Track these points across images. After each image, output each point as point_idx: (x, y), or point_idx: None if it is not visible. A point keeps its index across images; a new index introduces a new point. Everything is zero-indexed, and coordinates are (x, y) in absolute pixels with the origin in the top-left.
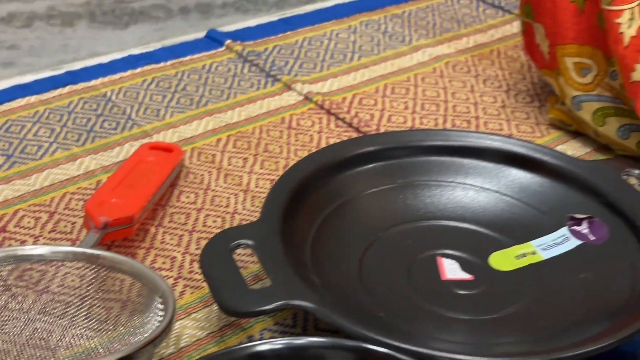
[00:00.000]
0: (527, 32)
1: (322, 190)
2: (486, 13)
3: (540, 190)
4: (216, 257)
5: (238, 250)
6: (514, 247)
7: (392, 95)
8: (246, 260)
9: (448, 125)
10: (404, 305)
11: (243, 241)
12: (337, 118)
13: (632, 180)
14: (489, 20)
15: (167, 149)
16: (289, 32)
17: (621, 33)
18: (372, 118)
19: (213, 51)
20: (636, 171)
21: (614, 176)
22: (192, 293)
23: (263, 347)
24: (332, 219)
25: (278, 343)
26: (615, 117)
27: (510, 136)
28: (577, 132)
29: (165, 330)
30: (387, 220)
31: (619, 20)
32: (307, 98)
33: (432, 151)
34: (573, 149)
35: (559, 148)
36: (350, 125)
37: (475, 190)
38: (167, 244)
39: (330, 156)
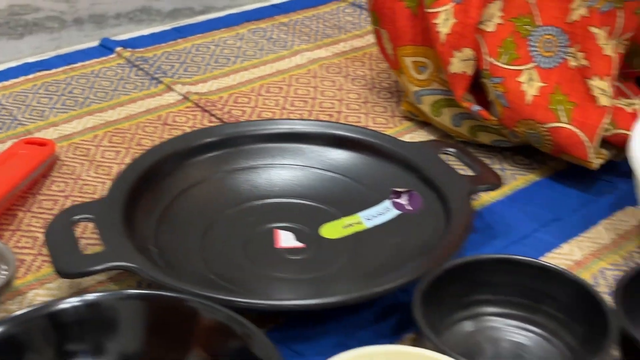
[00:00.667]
0: (377, 37)
1: (172, 175)
2: (367, 20)
3: (367, 168)
4: (59, 229)
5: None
6: (343, 218)
7: (266, 94)
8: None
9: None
10: (237, 270)
11: (84, 216)
12: (211, 115)
13: (451, 158)
14: (368, 27)
15: (41, 143)
16: (179, 40)
17: (438, 32)
18: (244, 114)
19: (104, 58)
20: (451, 149)
21: (432, 155)
22: (48, 267)
23: (60, 305)
24: (180, 200)
25: (73, 300)
26: (448, 107)
27: (365, 127)
28: (425, 122)
29: (4, 286)
30: (231, 200)
31: (436, 21)
32: (186, 97)
33: (268, 138)
34: (420, 137)
35: (408, 137)
36: (221, 120)
37: (309, 170)
38: (32, 226)
39: (179, 145)
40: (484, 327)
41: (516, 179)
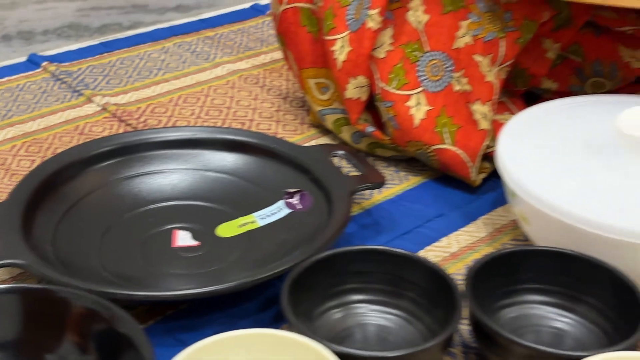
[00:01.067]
0: (285, 57)
1: (73, 180)
2: None
3: (263, 171)
4: None
5: None
6: (238, 218)
7: (183, 104)
8: None
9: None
10: (132, 268)
11: None
12: (127, 124)
13: (341, 161)
14: None
15: None
16: (105, 54)
17: (335, 59)
18: (160, 123)
19: (30, 72)
20: (341, 152)
21: (323, 157)
22: None
23: None
24: (81, 204)
25: None
26: (347, 126)
27: (275, 134)
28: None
29: None
30: (130, 204)
31: (333, 48)
32: (104, 108)
33: (166, 145)
34: (325, 142)
35: (313, 142)
36: (136, 129)
37: (206, 173)
38: None
39: (80, 152)
40: (352, 314)
41: (408, 180)
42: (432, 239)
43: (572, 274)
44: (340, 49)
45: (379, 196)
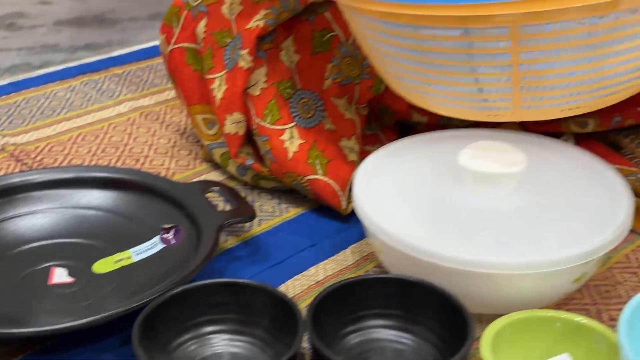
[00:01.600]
0: (177, 95)
1: None
2: None
3: (140, 207)
4: None
5: None
6: (115, 254)
7: (81, 142)
8: None
9: (118, 165)
10: (8, 306)
11: None
12: (23, 164)
13: (218, 197)
14: None
15: None
16: (12, 94)
17: (214, 96)
18: (55, 162)
19: None
20: (216, 187)
21: (198, 193)
22: None
23: None
24: None
25: None
26: (232, 158)
27: (167, 169)
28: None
29: None
30: (10, 244)
31: (212, 87)
32: (3, 149)
33: (43, 186)
34: (213, 177)
35: (202, 177)
36: (31, 168)
37: (86, 211)
38: None
39: None
40: (207, 345)
41: (288, 211)
42: (302, 269)
43: (410, 298)
44: (218, 87)
45: (257, 228)
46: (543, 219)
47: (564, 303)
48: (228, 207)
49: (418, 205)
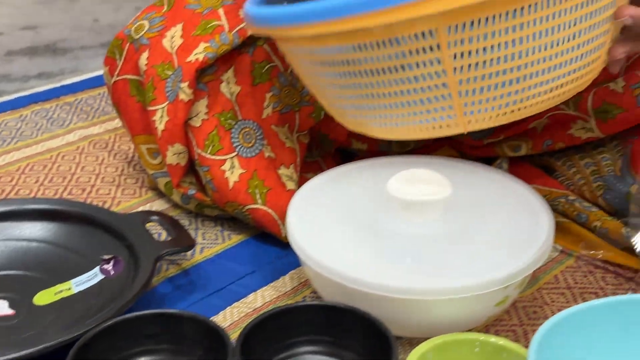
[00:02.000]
0: (123, 125)
1: None
2: None
3: (81, 238)
4: None
5: None
6: (56, 285)
7: (29, 172)
8: None
9: (65, 194)
10: None
11: None
12: None
13: (158, 226)
14: None
15: None
16: None
17: (156, 127)
18: (3, 193)
19: None
20: (156, 217)
21: (138, 223)
22: None
23: None
24: None
25: None
26: (175, 188)
27: (113, 199)
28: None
29: None
30: None
31: (154, 118)
32: None
33: None
34: (158, 205)
35: (148, 206)
36: None
37: (27, 243)
38: None
39: None
40: None
41: (230, 239)
42: (241, 296)
43: (338, 324)
44: (160, 118)
45: (199, 256)
46: (467, 245)
47: (492, 324)
48: (169, 237)
49: (349, 233)
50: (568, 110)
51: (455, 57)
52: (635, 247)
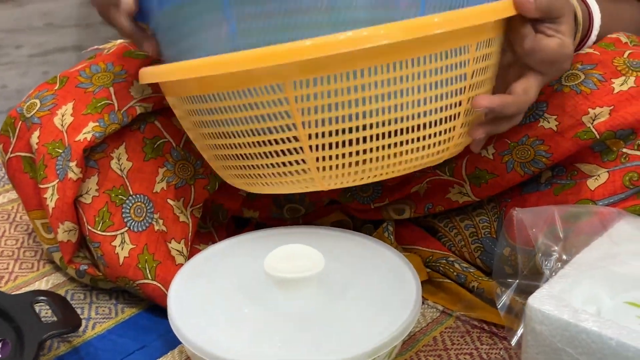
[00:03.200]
0: (19, 199)
1: None
2: None
3: None
4: None
5: None
6: None
7: None
8: None
9: None
10: None
11: None
12: None
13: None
14: None
15: None
16: None
17: (47, 205)
18: None
19: None
20: (44, 297)
21: (26, 304)
22: None
23: None
24: None
25: None
26: (67, 264)
27: (11, 273)
28: None
29: None
30: None
31: (45, 196)
32: None
33: None
34: (55, 279)
35: (45, 280)
36: None
37: None
38: None
39: None
40: None
41: (124, 312)
42: None
43: None
44: (51, 196)
45: (91, 332)
46: (338, 319)
47: None
48: (56, 317)
49: (228, 311)
50: (445, 175)
51: (302, 112)
52: (497, 302)
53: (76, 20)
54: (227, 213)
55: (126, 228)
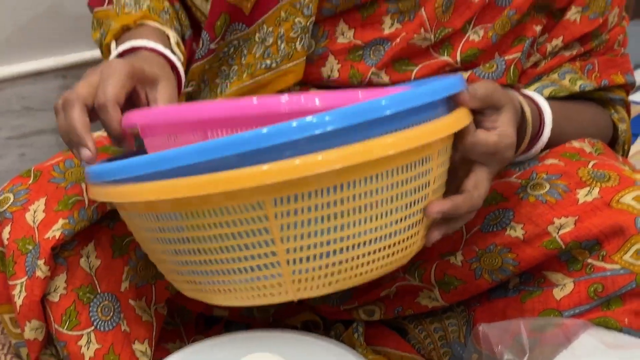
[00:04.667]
0: None
1: None
2: None
3: None
4: None
5: None
6: None
7: None
8: None
9: None
10: None
11: None
12: None
13: None
14: None
15: None
16: None
17: (15, 302)
18: None
19: None
20: None
21: None
22: None
23: None
24: None
25: None
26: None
27: None
28: None
29: None
30: None
31: (14, 292)
32: None
33: None
34: None
35: None
36: None
37: None
38: None
39: None
40: None
41: None
42: None
43: None
44: (19, 293)
45: None
46: None
47: None
48: None
49: None
50: (414, 281)
51: (282, 227)
52: None
53: (53, 104)
54: (193, 313)
55: (92, 327)
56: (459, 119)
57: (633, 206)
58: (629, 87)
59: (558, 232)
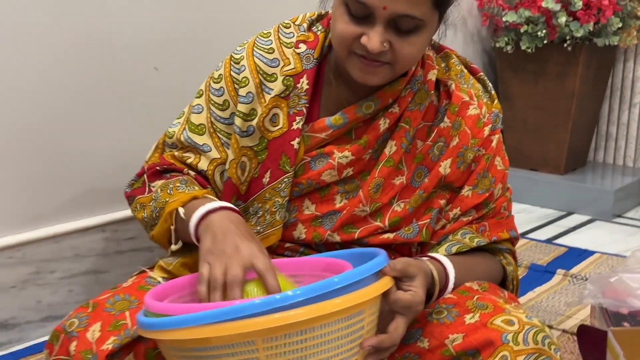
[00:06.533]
0: None
1: None
2: None
3: None
4: None
5: None
6: None
7: None
8: None
9: None
10: None
11: None
12: None
13: None
14: None
15: None
16: None
17: None
18: None
19: None
20: None
21: None
22: None
23: None
24: None
25: None
26: None
27: None
28: None
29: None
30: None
31: None
32: None
33: None
34: None
35: None
36: None
37: None
38: None
39: None
40: None
41: None
42: None
43: None
44: None
45: None
46: None
47: None
48: None
49: None
50: None
51: (267, 357)
52: None
53: (97, 251)
54: None
55: None
56: (384, 284)
57: (502, 326)
58: (514, 240)
59: (452, 344)
